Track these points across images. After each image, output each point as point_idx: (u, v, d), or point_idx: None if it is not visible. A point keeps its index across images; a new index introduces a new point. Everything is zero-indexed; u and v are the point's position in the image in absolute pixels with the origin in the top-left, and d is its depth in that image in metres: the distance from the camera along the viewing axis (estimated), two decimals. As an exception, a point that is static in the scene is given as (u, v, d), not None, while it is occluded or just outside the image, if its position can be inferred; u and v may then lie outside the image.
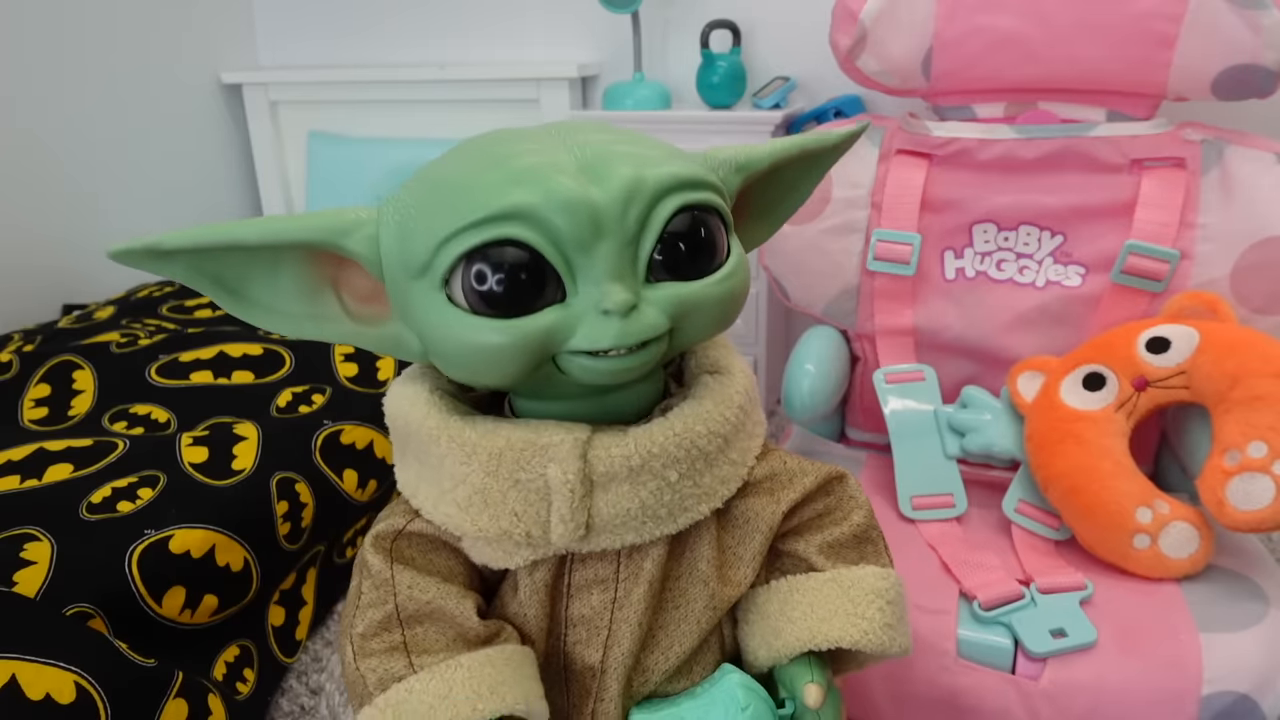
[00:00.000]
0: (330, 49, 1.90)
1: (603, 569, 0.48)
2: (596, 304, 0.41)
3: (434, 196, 0.43)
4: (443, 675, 0.45)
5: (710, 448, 0.47)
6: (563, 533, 0.45)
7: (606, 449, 0.45)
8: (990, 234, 0.99)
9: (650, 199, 0.42)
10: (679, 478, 0.46)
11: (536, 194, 0.40)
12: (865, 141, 1.04)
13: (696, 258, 0.44)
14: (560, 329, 0.42)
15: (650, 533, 0.47)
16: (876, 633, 0.49)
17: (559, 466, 0.44)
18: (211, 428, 1.07)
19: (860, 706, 0.81)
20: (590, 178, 0.41)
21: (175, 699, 0.76)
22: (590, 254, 0.41)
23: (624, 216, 0.41)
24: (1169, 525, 0.79)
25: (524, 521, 0.45)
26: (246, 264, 0.44)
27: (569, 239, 0.40)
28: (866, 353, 1.08)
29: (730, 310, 0.46)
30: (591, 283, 0.41)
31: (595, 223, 0.40)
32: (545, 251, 0.40)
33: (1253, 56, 0.86)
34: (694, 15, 1.50)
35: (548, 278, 0.41)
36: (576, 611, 0.49)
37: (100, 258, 1.68)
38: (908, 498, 0.93)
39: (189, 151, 1.86)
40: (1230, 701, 0.69)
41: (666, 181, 0.42)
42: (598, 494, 0.45)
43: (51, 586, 0.76)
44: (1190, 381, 0.81)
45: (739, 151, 0.50)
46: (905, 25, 0.96)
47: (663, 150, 0.45)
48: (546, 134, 0.45)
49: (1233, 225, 0.89)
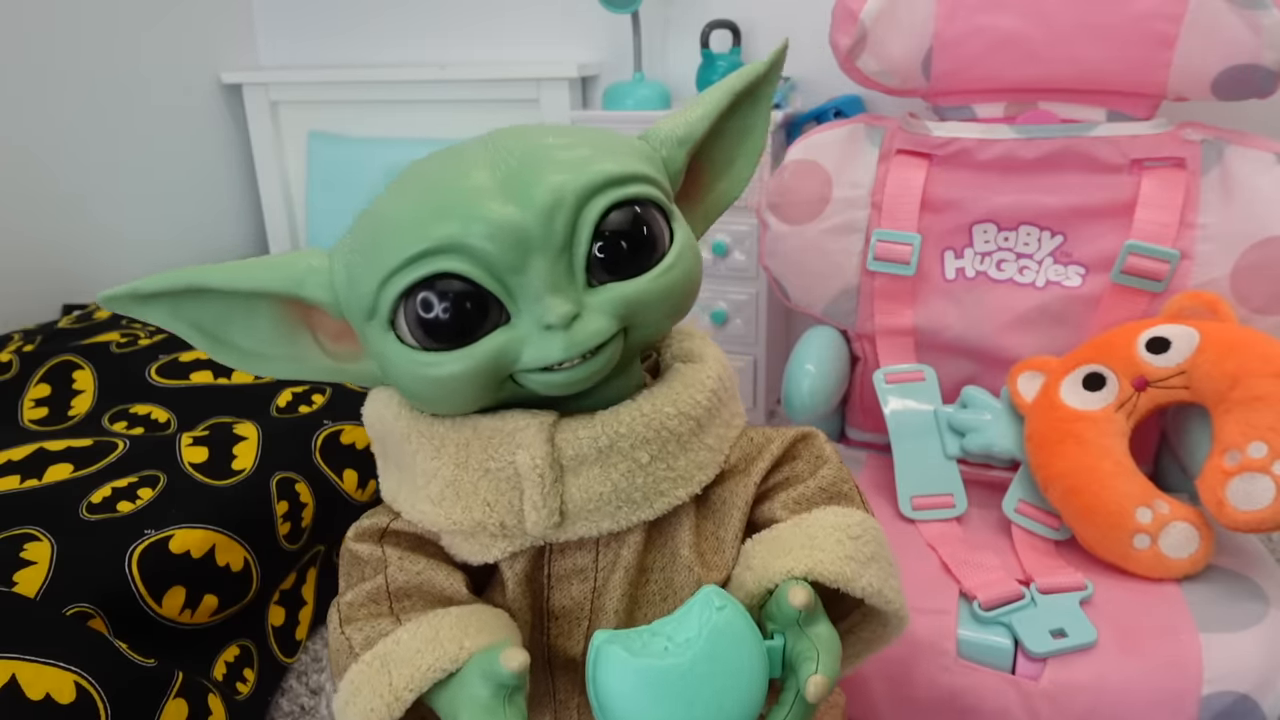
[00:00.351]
0: (330, 49, 1.90)
1: (581, 558, 0.48)
2: (539, 320, 0.41)
3: (371, 236, 0.43)
4: (430, 622, 0.45)
5: (681, 429, 0.46)
6: (536, 520, 0.45)
7: (574, 431, 0.45)
8: (990, 234, 0.99)
9: (575, 205, 0.41)
10: (650, 459, 0.45)
11: (458, 224, 0.40)
12: (865, 142, 1.04)
13: (635, 254, 0.43)
14: (508, 350, 0.42)
15: (627, 518, 0.46)
16: (835, 563, 0.45)
17: (527, 452, 0.44)
18: (211, 428, 1.07)
19: (860, 707, 0.81)
20: (511, 195, 0.41)
21: (175, 699, 0.76)
22: (524, 273, 0.41)
23: (549, 229, 0.41)
24: (1169, 525, 0.79)
25: (497, 511, 0.45)
26: (224, 309, 0.46)
27: (499, 263, 0.40)
28: (866, 353, 1.08)
29: (681, 300, 0.46)
30: (531, 300, 0.41)
31: (521, 242, 0.40)
32: (479, 279, 0.40)
33: (1253, 56, 0.86)
34: (694, 15, 1.50)
35: (488, 303, 0.41)
36: (557, 603, 0.49)
37: (100, 258, 1.69)
38: (908, 498, 0.93)
39: (189, 151, 1.86)
40: (1230, 702, 0.69)
41: (589, 184, 0.42)
42: (569, 478, 0.45)
43: (51, 586, 0.76)
44: (1190, 381, 0.81)
45: (676, 124, 0.50)
46: (905, 25, 0.96)
47: (594, 147, 0.44)
48: (478, 147, 0.44)
49: (1233, 225, 0.89)
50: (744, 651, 0.40)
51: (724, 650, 0.40)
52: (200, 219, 1.89)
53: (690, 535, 0.49)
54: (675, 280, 0.45)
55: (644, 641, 0.41)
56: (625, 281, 0.43)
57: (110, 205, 1.70)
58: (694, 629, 0.40)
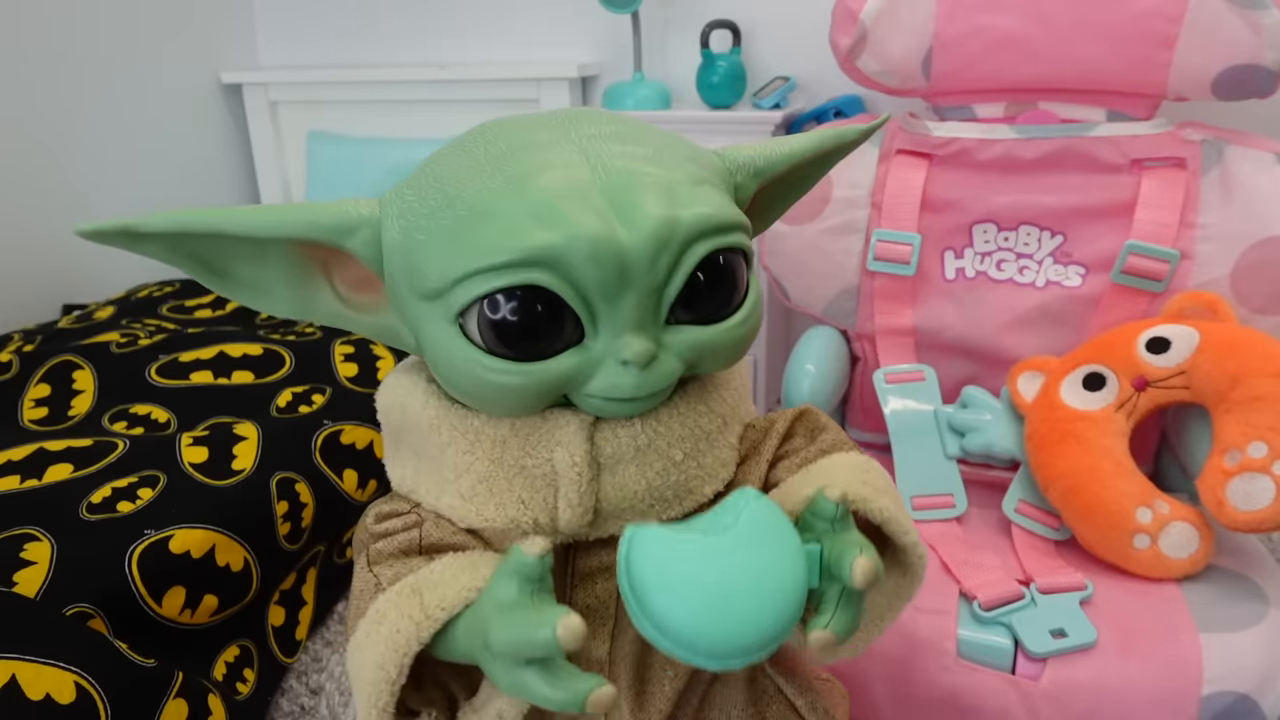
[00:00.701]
0: (330, 49, 1.90)
1: (606, 555, 0.47)
2: (616, 353, 0.40)
3: (447, 219, 0.40)
4: (467, 556, 0.43)
5: (711, 427, 0.46)
6: (570, 518, 0.44)
7: (613, 430, 0.44)
8: (990, 234, 0.99)
9: (681, 246, 0.40)
10: (684, 457, 0.45)
11: (560, 237, 0.38)
12: (866, 142, 1.04)
13: (718, 301, 0.43)
14: (577, 374, 0.41)
15: (657, 516, 0.45)
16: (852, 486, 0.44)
17: (565, 450, 0.43)
18: (211, 428, 1.07)
19: (860, 706, 0.81)
20: (618, 213, 0.39)
21: (175, 699, 0.76)
22: (615, 303, 0.39)
23: (653, 265, 0.39)
24: (1169, 525, 0.79)
25: (531, 509, 0.44)
26: (230, 249, 0.42)
27: (594, 288, 0.39)
28: (866, 353, 1.08)
29: (744, 349, 0.46)
30: (612, 331, 0.40)
31: (623, 272, 0.39)
32: (568, 297, 0.39)
33: (1253, 56, 0.86)
34: (694, 15, 1.50)
35: (566, 323, 0.40)
36: (582, 601, 0.48)
37: (101, 258, 1.68)
38: (908, 498, 0.93)
39: (189, 151, 1.86)
40: (1230, 701, 0.69)
41: (699, 226, 0.40)
42: (604, 477, 0.44)
43: (51, 586, 0.76)
44: (1190, 381, 0.81)
45: (757, 154, 0.48)
46: (905, 25, 0.96)
47: (687, 170, 0.42)
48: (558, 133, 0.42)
49: (1233, 225, 0.89)
50: (783, 540, 0.38)
51: (763, 535, 0.38)
52: (200, 219, 1.88)
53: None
54: (747, 332, 0.45)
55: (684, 527, 0.39)
56: (702, 327, 0.43)
57: (110, 205, 1.70)
58: (731, 517, 0.38)
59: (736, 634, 0.36)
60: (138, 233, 0.40)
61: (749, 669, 0.53)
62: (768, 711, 0.52)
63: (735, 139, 1.34)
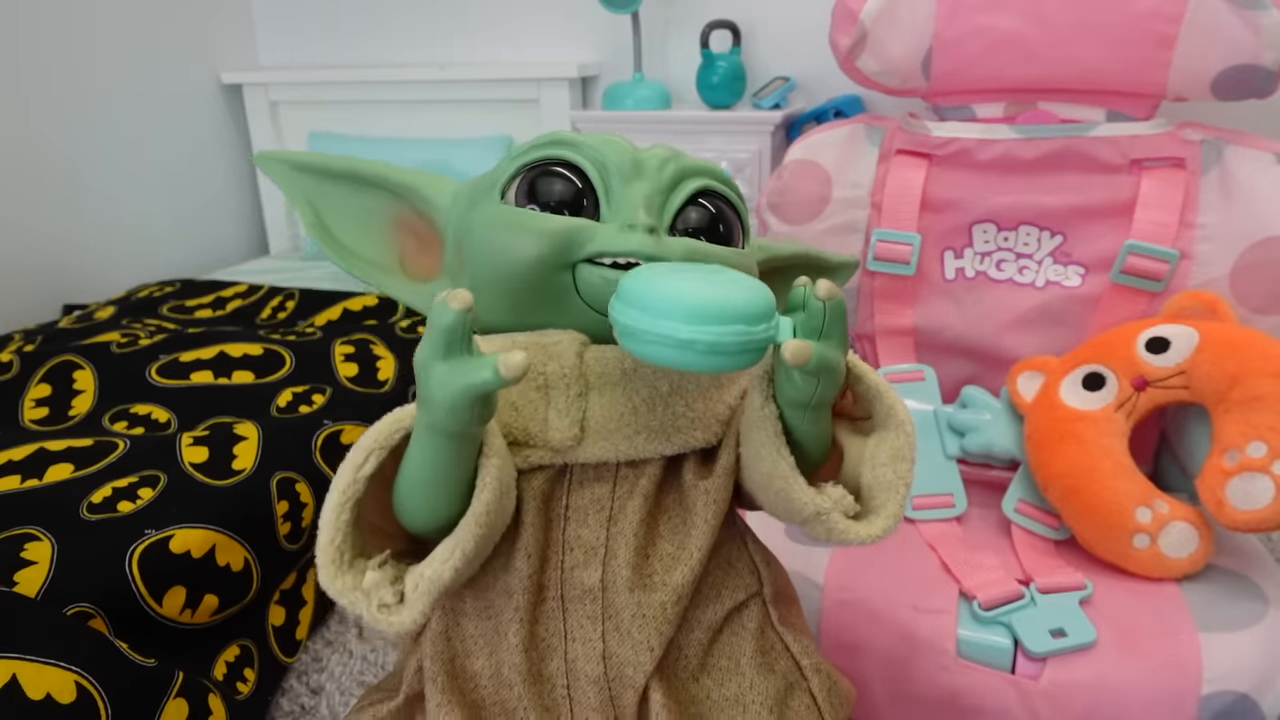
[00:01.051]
0: (330, 49, 1.90)
1: (599, 489, 0.50)
2: (624, 220, 0.48)
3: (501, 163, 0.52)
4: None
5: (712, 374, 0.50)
6: (560, 428, 0.48)
7: (602, 352, 0.49)
8: (990, 234, 0.99)
9: (684, 169, 0.50)
10: (670, 390, 0.50)
11: (594, 138, 0.50)
12: (865, 141, 1.04)
13: (713, 231, 0.51)
14: (587, 231, 0.47)
15: (644, 446, 0.49)
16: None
17: (557, 362, 0.48)
18: (212, 428, 1.07)
19: (860, 706, 0.81)
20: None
21: (175, 699, 0.76)
22: (628, 186, 0.49)
23: (660, 170, 0.49)
24: (1169, 525, 0.79)
25: (523, 416, 0.49)
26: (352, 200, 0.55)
27: (613, 168, 0.49)
28: (866, 353, 1.08)
29: None
30: (624, 208, 0.48)
31: (636, 164, 0.49)
32: (590, 173, 0.49)
33: (1252, 57, 0.86)
34: (694, 15, 1.50)
35: (587, 196, 0.49)
36: (573, 533, 0.50)
37: (101, 257, 1.69)
38: (907, 498, 0.93)
39: (189, 151, 1.86)
40: (1230, 701, 0.69)
41: (701, 165, 0.51)
42: (592, 395, 0.49)
43: (52, 586, 0.76)
44: (1190, 381, 0.81)
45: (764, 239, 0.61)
46: (905, 25, 0.96)
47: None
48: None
49: (1232, 225, 0.89)
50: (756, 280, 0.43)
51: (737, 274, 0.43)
52: (201, 219, 1.89)
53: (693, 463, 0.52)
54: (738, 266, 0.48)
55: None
56: (699, 242, 0.50)
57: (111, 205, 1.70)
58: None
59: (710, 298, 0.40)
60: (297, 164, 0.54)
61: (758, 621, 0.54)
62: (775, 665, 0.53)
63: (735, 139, 1.35)
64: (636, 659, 0.50)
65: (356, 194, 0.56)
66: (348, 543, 0.44)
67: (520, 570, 0.50)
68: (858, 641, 0.79)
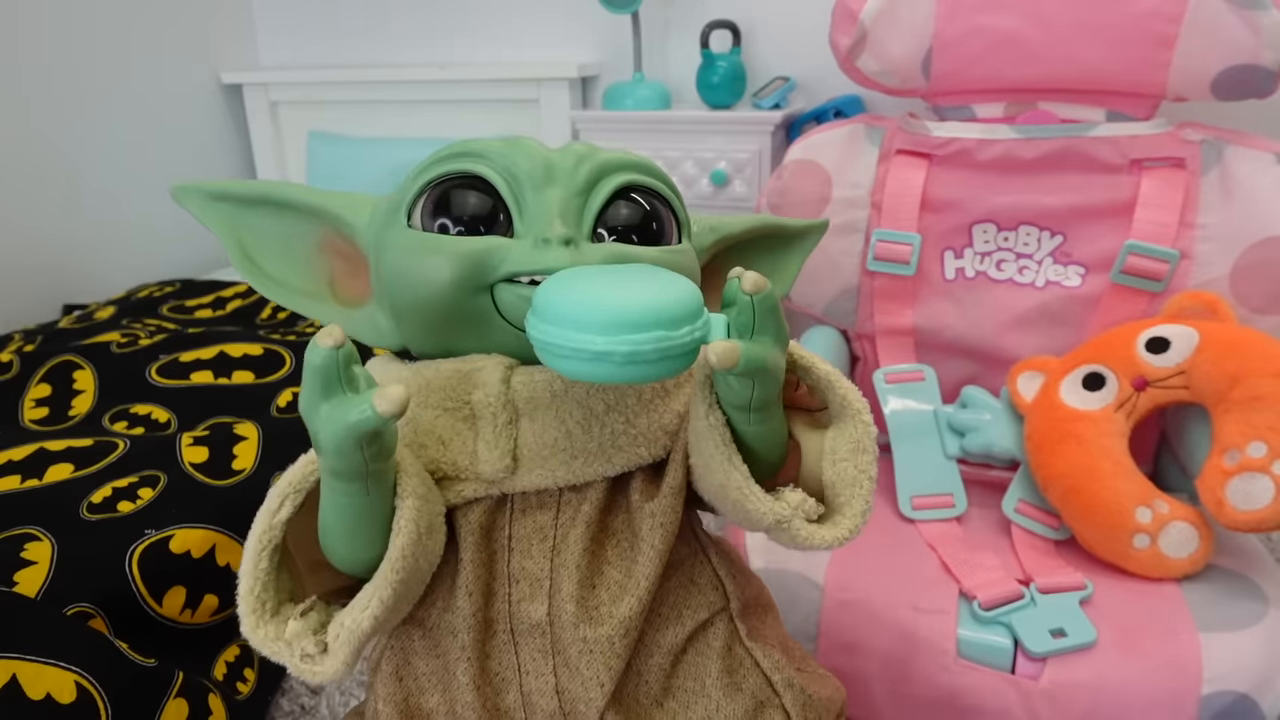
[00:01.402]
0: (330, 49, 1.90)
1: (542, 517, 0.48)
2: (539, 235, 0.44)
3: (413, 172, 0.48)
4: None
5: (642, 387, 0.48)
6: (490, 460, 0.46)
7: (530, 375, 0.46)
8: (990, 234, 0.99)
9: (602, 166, 0.46)
10: (606, 409, 0.47)
11: (500, 144, 0.46)
12: (865, 142, 1.04)
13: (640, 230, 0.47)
14: (501, 252, 0.45)
15: (583, 470, 0.47)
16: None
17: (482, 390, 0.46)
18: (212, 428, 1.07)
19: (860, 706, 0.81)
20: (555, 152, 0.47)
21: (176, 699, 0.76)
22: (540, 194, 0.45)
23: (575, 171, 0.46)
24: (1169, 525, 0.79)
25: (450, 449, 0.46)
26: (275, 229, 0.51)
27: (524, 176, 0.45)
28: (866, 353, 1.08)
29: None
30: (539, 220, 0.45)
31: (548, 169, 0.45)
32: (499, 186, 0.45)
33: (1252, 57, 0.86)
34: (694, 15, 1.50)
35: (498, 210, 0.46)
36: (518, 565, 0.48)
37: (101, 257, 1.69)
38: (907, 498, 0.93)
39: (189, 151, 1.86)
40: (1230, 701, 0.69)
41: (620, 159, 0.47)
42: (523, 422, 0.46)
43: (52, 586, 0.76)
44: (1190, 381, 0.81)
45: (716, 217, 0.56)
46: (905, 25, 0.96)
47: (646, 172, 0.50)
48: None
49: (1232, 225, 0.89)
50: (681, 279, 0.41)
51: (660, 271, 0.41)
52: (200, 219, 1.89)
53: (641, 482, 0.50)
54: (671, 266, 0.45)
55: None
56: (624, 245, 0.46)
57: (111, 205, 1.70)
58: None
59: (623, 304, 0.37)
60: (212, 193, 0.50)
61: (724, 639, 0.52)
62: (744, 684, 0.52)
63: (735, 139, 1.34)
64: (587, 695, 0.48)
65: (278, 220, 0.52)
66: (269, 590, 0.43)
67: (463, 609, 0.48)
68: (858, 641, 0.79)
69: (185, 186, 0.50)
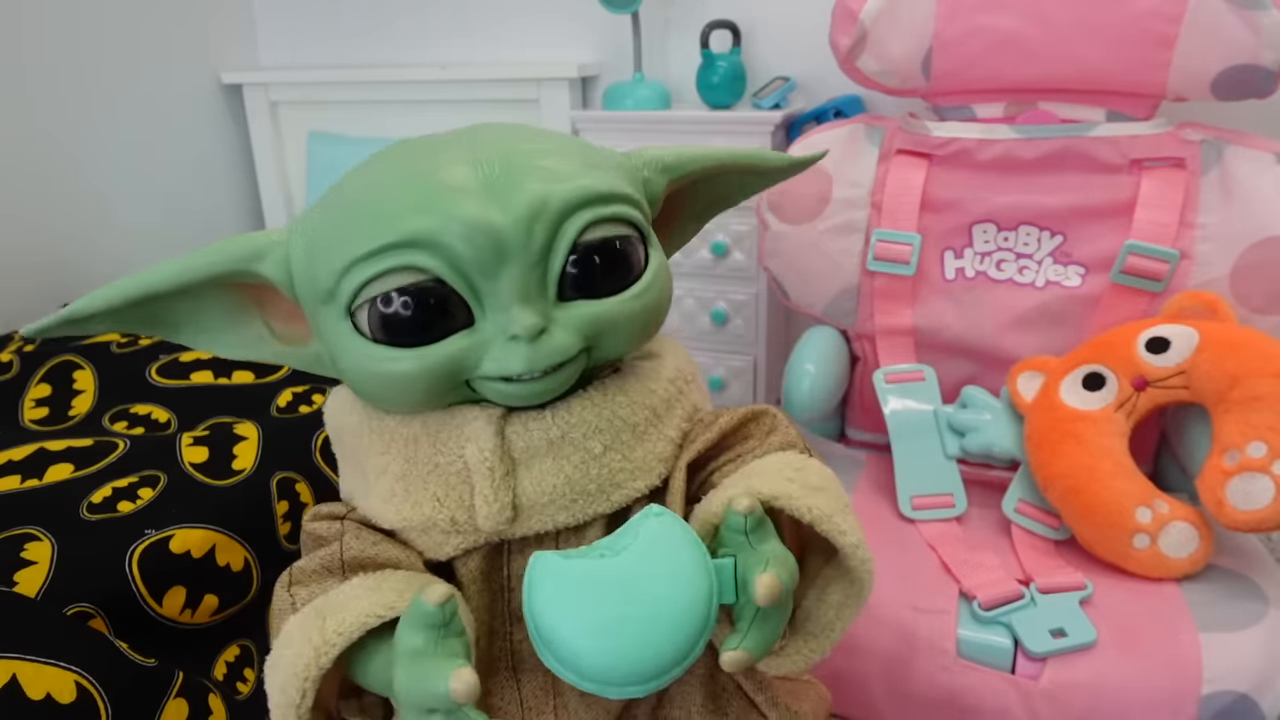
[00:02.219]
0: (330, 49, 1.90)
1: None
2: (504, 329, 0.40)
3: (338, 218, 0.42)
4: (376, 577, 0.43)
5: (636, 418, 0.46)
6: (488, 514, 0.44)
7: (524, 424, 0.44)
8: (990, 234, 0.99)
9: (556, 217, 0.40)
10: (604, 449, 0.45)
11: (436, 220, 0.39)
12: (865, 141, 1.04)
13: (610, 274, 0.43)
14: (468, 356, 0.41)
15: (583, 511, 0.45)
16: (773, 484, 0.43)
17: (475, 445, 0.43)
18: (212, 428, 1.07)
19: (860, 706, 0.81)
20: (494, 197, 0.40)
21: (176, 699, 0.76)
22: (496, 279, 0.40)
23: (528, 238, 0.40)
24: (1169, 525, 0.79)
25: (447, 506, 0.44)
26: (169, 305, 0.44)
27: (472, 265, 0.39)
28: (866, 352, 1.08)
29: (649, 324, 0.45)
30: (499, 308, 0.40)
31: (498, 247, 0.39)
32: (448, 278, 0.39)
33: (1252, 57, 0.86)
34: (694, 15, 1.50)
35: (453, 304, 0.40)
36: (517, 604, 0.47)
37: (101, 257, 1.69)
38: (908, 498, 0.93)
39: (189, 151, 1.86)
40: (1230, 701, 0.69)
41: (573, 198, 0.41)
42: (520, 472, 0.44)
43: (52, 586, 0.76)
44: (1190, 381, 0.81)
45: (666, 152, 0.49)
46: (905, 25, 0.96)
47: (577, 159, 0.43)
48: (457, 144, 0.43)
49: (1232, 225, 0.89)
50: (683, 556, 0.38)
51: (661, 554, 0.38)
52: (200, 219, 1.88)
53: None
54: (647, 305, 0.44)
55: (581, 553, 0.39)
56: (596, 301, 0.42)
57: (110, 205, 1.70)
58: (630, 538, 0.38)
59: (629, 661, 0.35)
60: (78, 318, 0.42)
61: (707, 666, 0.51)
62: (728, 708, 0.51)
63: (735, 139, 1.34)
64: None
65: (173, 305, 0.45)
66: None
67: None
68: (858, 641, 0.79)
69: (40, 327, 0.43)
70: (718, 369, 1.50)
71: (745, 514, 0.39)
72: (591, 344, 0.43)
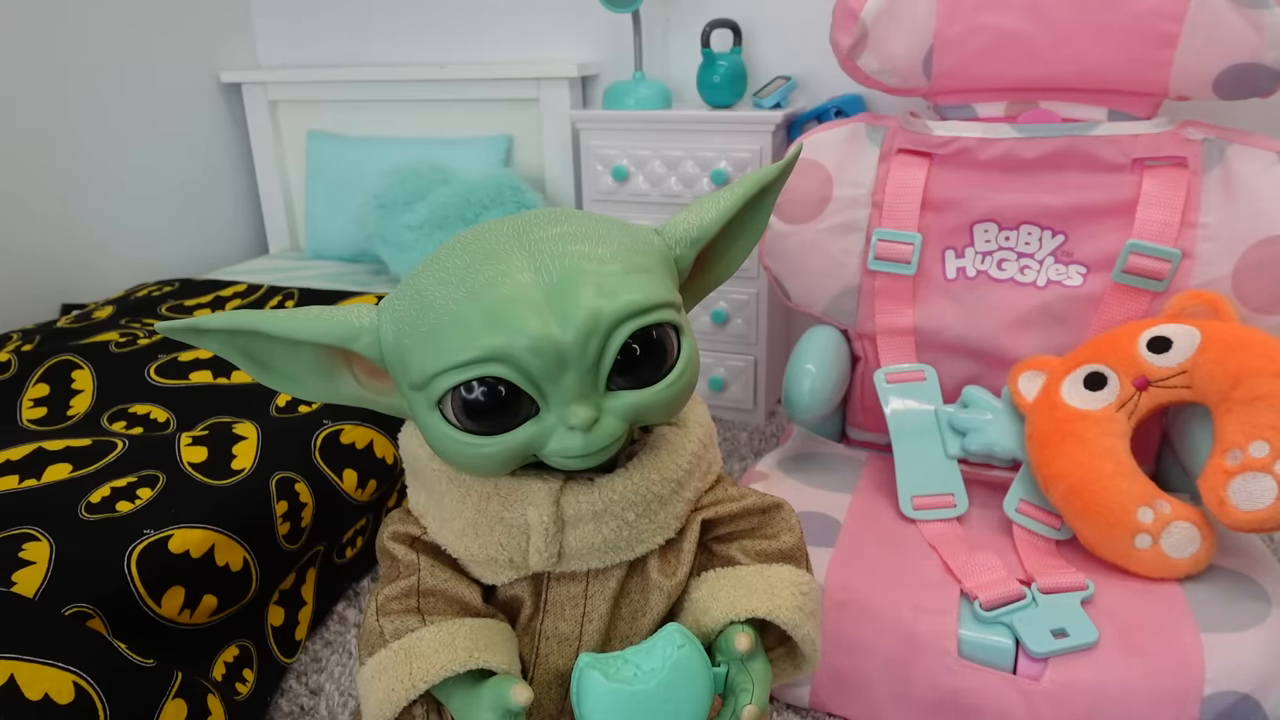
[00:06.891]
0: (329, 49, 1.90)
1: (573, 588, 0.57)
2: (565, 420, 0.50)
3: (422, 327, 0.50)
4: (448, 628, 0.54)
5: (663, 491, 0.55)
6: (539, 560, 0.55)
7: (575, 496, 0.54)
8: (991, 233, 0.99)
9: (608, 331, 0.49)
10: (636, 518, 0.55)
11: (506, 337, 0.47)
12: (866, 141, 1.04)
13: (649, 368, 0.51)
14: (536, 439, 0.50)
15: (612, 559, 0.56)
16: (789, 611, 0.56)
17: (536, 510, 0.53)
18: (211, 427, 1.07)
19: (861, 706, 0.81)
20: (554, 311, 0.48)
21: (174, 699, 0.76)
22: (557, 383, 0.49)
23: (584, 350, 0.48)
24: (1170, 525, 0.79)
25: (507, 550, 0.55)
26: (271, 344, 0.53)
27: (539, 374, 0.48)
28: (867, 352, 1.08)
29: (682, 401, 0.54)
30: (560, 403, 0.50)
31: (560, 360, 0.48)
32: (520, 383, 0.48)
33: (1254, 55, 0.86)
34: (694, 15, 1.50)
35: (523, 400, 0.50)
36: (551, 626, 0.57)
37: (100, 257, 1.68)
38: (908, 497, 0.93)
39: (189, 151, 1.86)
40: (1232, 701, 0.69)
41: (622, 312, 0.49)
42: (568, 530, 0.54)
43: (50, 586, 0.76)
44: (1192, 381, 0.81)
45: (691, 226, 0.57)
46: (906, 24, 0.95)
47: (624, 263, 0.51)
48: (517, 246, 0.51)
49: (1234, 224, 0.89)
50: (698, 682, 0.52)
51: (681, 680, 0.51)
52: (200, 218, 1.88)
53: (656, 559, 0.58)
54: (680, 390, 0.52)
55: (617, 667, 0.51)
56: (638, 391, 0.51)
57: (110, 205, 1.70)
58: (658, 660, 0.51)
59: None
60: (201, 329, 0.51)
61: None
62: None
63: (735, 139, 1.34)
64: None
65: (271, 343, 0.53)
66: None
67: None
68: (858, 641, 0.79)
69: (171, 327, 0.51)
70: (718, 369, 1.50)
71: (743, 653, 0.53)
72: (634, 423, 0.52)
